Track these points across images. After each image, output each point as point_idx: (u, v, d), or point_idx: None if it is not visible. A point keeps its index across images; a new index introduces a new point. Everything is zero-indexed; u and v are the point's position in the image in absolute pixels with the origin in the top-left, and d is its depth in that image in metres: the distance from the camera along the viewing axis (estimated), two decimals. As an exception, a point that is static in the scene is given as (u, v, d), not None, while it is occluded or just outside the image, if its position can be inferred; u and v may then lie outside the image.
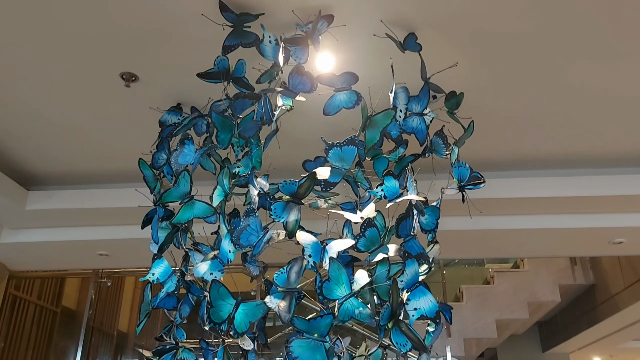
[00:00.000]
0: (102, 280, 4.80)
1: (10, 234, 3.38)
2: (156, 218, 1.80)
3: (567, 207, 3.14)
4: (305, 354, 1.33)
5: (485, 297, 6.31)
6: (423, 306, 1.40)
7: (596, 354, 9.87)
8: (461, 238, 3.35)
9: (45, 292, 5.61)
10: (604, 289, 6.33)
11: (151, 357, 1.64)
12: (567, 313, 7.45)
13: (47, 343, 5.63)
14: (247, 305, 1.42)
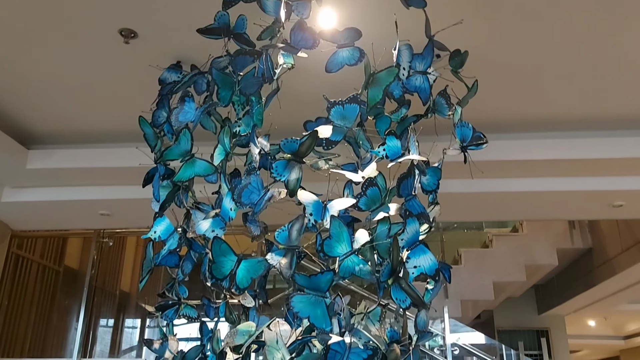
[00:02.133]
0: (104, 240, 4.84)
1: (11, 193, 3.39)
2: (157, 176, 1.80)
3: (567, 169, 3.13)
4: (306, 309, 1.35)
5: (483, 260, 6.37)
6: (423, 264, 1.41)
7: (591, 317, 10.05)
8: (461, 200, 3.36)
9: (48, 252, 5.66)
10: (602, 252, 6.39)
11: (154, 312, 1.66)
12: (564, 276, 7.54)
13: (51, 302, 5.71)
14: (248, 261, 1.43)
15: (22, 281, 5.19)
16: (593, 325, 10.75)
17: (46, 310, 5.64)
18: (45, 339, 5.52)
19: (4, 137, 2.94)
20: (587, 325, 10.67)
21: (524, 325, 8.69)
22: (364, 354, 1.32)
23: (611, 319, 10.38)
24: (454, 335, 5.01)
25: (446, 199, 2.24)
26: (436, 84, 1.85)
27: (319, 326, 1.35)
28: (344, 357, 1.31)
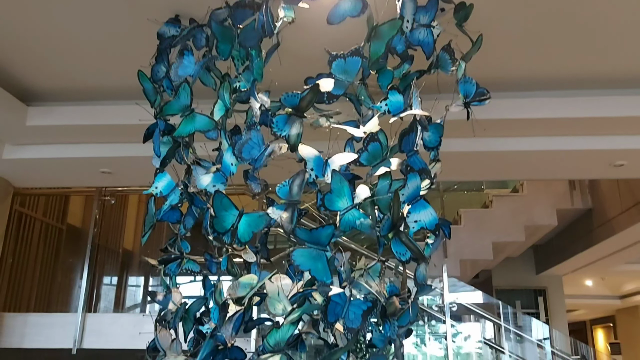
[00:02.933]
0: (106, 199, 4.86)
1: (12, 150, 3.38)
2: (157, 132, 1.79)
3: (569, 128, 3.11)
4: (307, 262, 1.36)
5: (483, 220, 6.41)
6: (423, 219, 1.41)
7: (588, 277, 10.18)
8: (463, 160, 3.35)
9: (51, 210, 5.69)
10: (601, 213, 6.42)
11: (157, 266, 1.68)
12: (563, 237, 7.60)
13: (55, 259, 5.78)
14: (250, 215, 1.44)
15: (25, 239, 5.24)
16: (590, 285, 10.90)
17: (50, 267, 5.71)
18: (51, 295, 5.62)
19: (3, 94, 2.91)
20: (584, 285, 10.81)
21: (521, 284, 8.82)
22: (364, 305, 1.34)
23: (608, 279, 10.52)
24: (452, 295, 5.09)
25: (447, 158, 2.23)
26: (439, 41, 1.81)
27: (320, 279, 1.37)
28: (344, 308, 1.33)
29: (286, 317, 1.33)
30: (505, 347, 5.41)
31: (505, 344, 5.72)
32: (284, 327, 1.34)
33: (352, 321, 1.32)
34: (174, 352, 1.49)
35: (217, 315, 1.43)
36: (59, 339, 3.70)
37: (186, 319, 1.69)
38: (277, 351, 1.32)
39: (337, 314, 1.33)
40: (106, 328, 3.81)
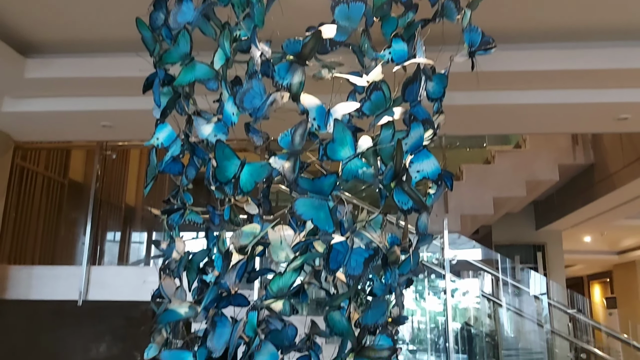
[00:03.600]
0: (107, 153, 4.86)
1: (11, 103, 3.35)
2: (157, 81, 1.76)
3: (574, 81, 3.08)
4: (309, 212, 1.36)
5: (485, 175, 6.42)
6: (426, 168, 1.41)
7: (588, 232, 10.27)
8: (466, 113, 3.33)
9: (52, 164, 5.69)
10: (603, 168, 6.41)
11: (160, 216, 1.69)
12: (564, 192, 7.63)
13: (58, 214, 5.82)
14: (252, 165, 1.43)
15: (28, 193, 5.26)
16: (589, 240, 11.01)
17: (54, 222, 5.76)
18: (55, 249, 5.69)
19: (1, 46, 2.87)
20: (583, 240, 10.93)
21: (521, 240, 8.91)
22: (365, 253, 1.35)
23: (607, 235, 10.62)
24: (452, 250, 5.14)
25: (451, 111, 2.20)
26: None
27: (322, 228, 1.37)
28: (346, 256, 1.35)
29: (289, 264, 1.35)
30: (503, 300, 5.51)
31: (503, 298, 5.83)
32: (287, 274, 1.35)
33: (353, 268, 1.33)
34: (178, 299, 1.51)
35: (221, 263, 1.45)
36: (64, 291, 3.77)
37: (190, 269, 1.71)
38: (279, 297, 1.34)
39: (339, 261, 1.34)
40: (110, 280, 3.87)
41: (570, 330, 5.18)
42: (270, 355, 1.36)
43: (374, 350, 1.39)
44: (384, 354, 1.39)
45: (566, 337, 4.89)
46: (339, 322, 1.37)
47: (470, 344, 7.77)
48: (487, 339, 7.16)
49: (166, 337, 1.53)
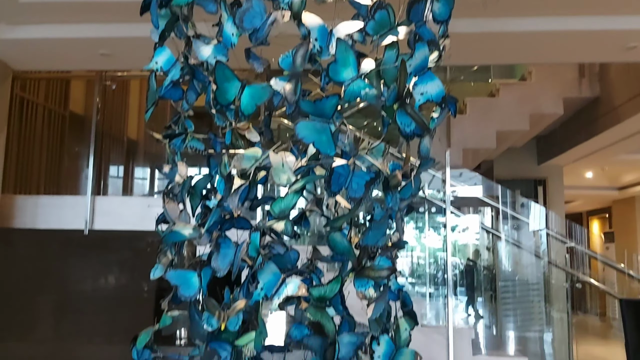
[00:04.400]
0: (107, 84, 4.80)
1: (7, 30, 3.28)
2: (154, 2, 1.71)
3: (582, 7, 2.98)
4: (310, 135, 1.36)
5: (489, 109, 6.36)
6: (430, 91, 1.39)
7: (589, 167, 10.30)
8: (472, 41, 3.24)
9: (52, 95, 5.64)
10: (608, 101, 6.34)
11: (161, 140, 1.68)
12: (567, 127, 7.58)
13: (60, 146, 5.83)
14: (253, 87, 1.41)
15: (29, 124, 5.25)
16: (590, 176, 11.05)
17: (57, 154, 5.78)
18: (59, 181, 5.73)
19: (-9, -32, 2.78)
20: (584, 176, 10.97)
21: (522, 175, 8.94)
22: (367, 176, 1.36)
23: (608, 170, 10.64)
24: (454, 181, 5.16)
25: (456, 39, 2.14)
26: None
27: (324, 152, 1.37)
28: (347, 179, 1.35)
29: (290, 186, 1.36)
30: (502, 233, 5.59)
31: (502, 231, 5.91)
32: (289, 196, 1.36)
33: (355, 191, 1.34)
34: (182, 221, 1.53)
35: (223, 186, 1.46)
36: (70, 220, 3.83)
37: (193, 194, 1.72)
38: (281, 218, 1.36)
39: (340, 184, 1.34)
40: (116, 209, 3.93)
41: (567, 261, 5.28)
42: (273, 274, 1.39)
43: (374, 270, 1.42)
44: (383, 274, 1.42)
45: (563, 267, 5.00)
46: (340, 242, 1.39)
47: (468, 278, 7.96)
48: (485, 272, 7.34)
49: (171, 258, 1.56)
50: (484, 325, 6.08)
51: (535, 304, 5.49)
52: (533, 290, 5.59)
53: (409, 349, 1.57)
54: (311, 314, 1.38)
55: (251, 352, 1.38)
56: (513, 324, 5.55)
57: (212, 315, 1.41)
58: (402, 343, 1.57)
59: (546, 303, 5.35)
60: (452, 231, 4.95)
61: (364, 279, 1.43)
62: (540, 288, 5.46)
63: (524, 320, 5.51)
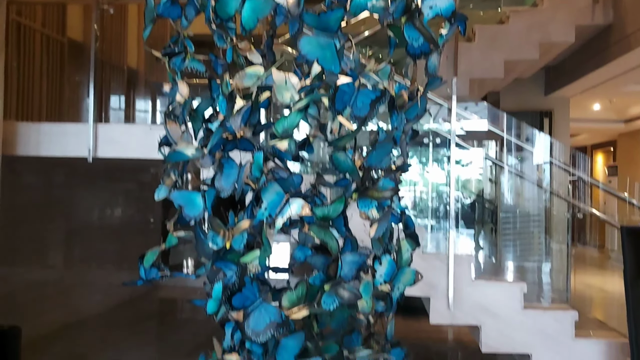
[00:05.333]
0: (105, 7, 4.64)
1: (-3, -52, 3.15)
2: None
3: None
4: (314, 51, 1.32)
5: (497, 37, 6.18)
6: (439, 4, 1.33)
7: (596, 99, 10.16)
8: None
9: (49, 20, 5.51)
10: (620, 28, 6.15)
11: (160, 58, 1.64)
12: (577, 56, 7.40)
13: (60, 75, 5.75)
14: (253, 0, 1.36)
15: (27, 50, 5.15)
16: (597, 108, 10.93)
17: (57, 83, 5.70)
18: (60, 109, 5.69)
19: None
20: (591, 108, 10.85)
21: (528, 106, 8.84)
22: (372, 94, 1.33)
23: (616, 102, 10.51)
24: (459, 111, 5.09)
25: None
26: None
27: (328, 68, 1.33)
28: (352, 97, 1.32)
29: (294, 104, 1.33)
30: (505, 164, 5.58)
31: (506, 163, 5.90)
32: (292, 115, 1.34)
33: (360, 109, 1.32)
34: (184, 141, 1.52)
35: (225, 106, 1.43)
36: (73, 148, 3.82)
37: (195, 118, 1.70)
38: (285, 137, 1.34)
39: (345, 102, 1.32)
40: (119, 137, 3.91)
41: (569, 192, 5.29)
42: (276, 194, 1.39)
43: (377, 191, 1.42)
44: (386, 194, 1.42)
45: (565, 198, 5.01)
46: (343, 162, 1.38)
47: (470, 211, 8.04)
48: (487, 205, 7.40)
49: (175, 179, 1.56)
50: (484, 256, 6.20)
51: (536, 236, 5.56)
52: (534, 222, 5.65)
53: (410, 269, 1.59)
54: (315, 233, 1.39)
55: (256, 269, 1.40)
56: (513, 254, 5.65)
57: (217, 234, 1.43)
58: (404, 263, 1.60)
59: (546, 235, 5.42)
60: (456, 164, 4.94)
61: (367, 200, 1.43)
62: (541, 220, 5.52)
63: (524, 251, 5.61)
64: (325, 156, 5.95)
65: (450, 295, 3.61)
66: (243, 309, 1.35)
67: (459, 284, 3.63)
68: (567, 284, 4.62)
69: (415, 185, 7.81)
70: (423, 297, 3.83)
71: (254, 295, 1.36)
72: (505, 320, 3.61)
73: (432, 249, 4.64)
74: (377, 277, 1.52)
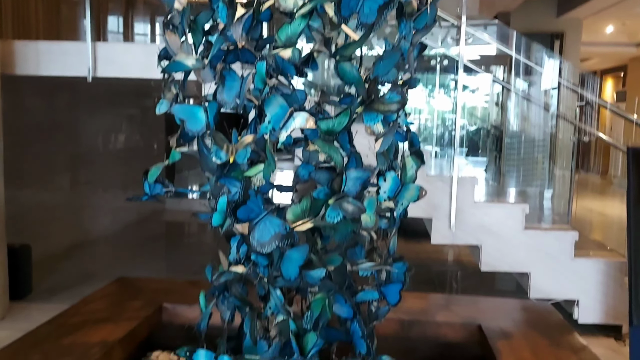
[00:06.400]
0: None
1: None
2: None
3: None
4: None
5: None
6: None
7: (609, 21, 9.84)
8: None
9: None
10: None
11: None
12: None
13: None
14: None
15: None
16: (609, 31, 10.62)
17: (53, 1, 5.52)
18: (58, 29, 5.54)
19: None
20: (603, 31, 10.55)
21: (539, 28, 8.58)
22: (380, 0, 1.27)
23: (629, 25, 10.19)
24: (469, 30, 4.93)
25: None
26: None
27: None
28: (359, 2, 1.26)
29: (297, 10, 1.27)
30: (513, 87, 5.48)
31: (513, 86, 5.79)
32: (295, 21, 1.29)
33: (367, 15, 1.26)
34: (184, 52, 1.47)
35: (225, 13, 1.37)
36: (72, 67, 3.75)
37: (195, 30, 1.64)
38: (288, 46, 1.29)
39: (351, 7, 1.26)
40: (118, 57, 3.82)
41: (577, 115, 5.24)
42: (280, 107, 1.36)
43: (383, 104, 1.39)
44: (392, 107, 1.39)
45: (572, 121, 4.96)
46: (349, 72, 1.34)
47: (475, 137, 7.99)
48: (493, 131, 7.35)
49: (176, 92, 1.53)
50: (487, 180, 6.22)
51: (540, 162, 5.56)
52: (538, 147, 5.63)
53: (414, 185, 1.59)
54: (319, 147, 1.37)
55: (260, 182, 1.40)
56: (516, 180, 5.67)
57: (220, 149, 1.41)
58: (408, 180, 1.59)
59: (550, 160, 5.41)
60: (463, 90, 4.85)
61: (373, 113, 1.40)
62: (546, 145, 5.49)
63: (527, 176, 5.62)
64: (330, 79, 5.85)
65: (452, 216, 3.65)
66: (248, 221, 1.35)
67: (462, 205, 3.66)
68: (568, 208, 4.66)
69: (421, 112, 7.75)
70: (425, 219, 3.88)
71: (259, 208, 1.36)
72: (505, 240, 3.67)
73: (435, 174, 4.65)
74: (381, 193, 1.52)
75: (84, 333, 1.97)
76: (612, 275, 3.63)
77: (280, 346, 1.45)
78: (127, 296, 2.41)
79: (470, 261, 5.27)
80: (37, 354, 1.80)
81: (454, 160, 3.82)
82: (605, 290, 3.62)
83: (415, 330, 2.25)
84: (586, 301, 3.66)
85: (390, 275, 1.57)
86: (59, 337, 1.93)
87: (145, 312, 2.21)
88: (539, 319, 2.34)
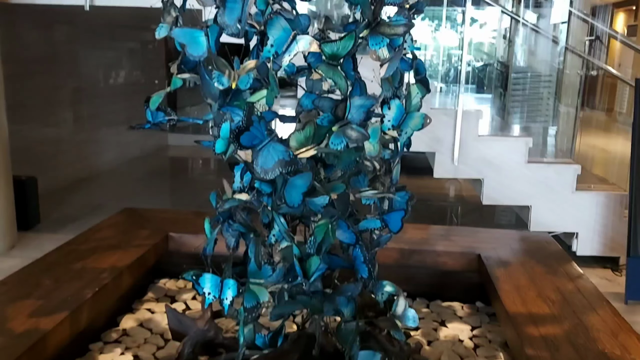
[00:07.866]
0: None
1: None
2: None
3: None
4: None
5: None
6: None
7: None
8: None
9: None
10: None
11: None
12: None
13: None
14: None
15: None
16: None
17: None
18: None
19: None
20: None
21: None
22: None
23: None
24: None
25: None
26: None
27: None
28: None
29: None
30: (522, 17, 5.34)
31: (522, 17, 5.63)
32: (299, -62, 1.24)
33: None
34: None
35: None
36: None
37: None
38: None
39: None
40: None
41: (585, 48, 5.12)
42: (283, 30, 1.33)
43: (390, 27, 1.35)
44: (399, 30, 1.35)
45: (580, 54, 4.86)
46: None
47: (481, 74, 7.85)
48: (499, 67, 7.21)
49: (175, 15, 1.49)
50: (492, 115, 6.17)
51: (545, 99, 5.49)
52: (544, 82, 5.54)
53: (419, 113, 1.57)
54: (323, 72, 1.35)
55: (263, 107, 1.39)
56: (520, 115, 5.62)
57: (222, 74, 1.39)
58: (413, 108, 1.57)
59: (556, 97, 5.34)
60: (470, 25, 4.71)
61: (378, 37, 1.37)
62: (553, 81, 5.41)
63: (532, 112, 5.57)
64: (333, 10, 5.68)
65: (455, 149, 3.65)
66: (252, 148, 1.35)
67: (465, 138, 3.64)
68: (572, 143, 4.65)
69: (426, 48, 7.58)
70: (428, 152, 3.87)
71: (262, 134, 1.35)
72: (508, 173, 3.67)
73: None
74: (385, 122, 1.50)
75: (93, 259, 2.02)
76: (612, 208, 3.65)
77: (284, 271, 1.49)
78: (134, 225, 2.45)
79: (471, 196, 5.31)
80: (48, 278, 1.85)
81: (459, 93, 3.77)
82: (605, 222, 3.66)
83: (415, 259, 2.30)
84: (585, 233, 3.70)
85: (393, 204, 1.58)
86: (69, 263, 1.98)
87: (153, 240, 2.26)
88: (538, 248, 2.39)
